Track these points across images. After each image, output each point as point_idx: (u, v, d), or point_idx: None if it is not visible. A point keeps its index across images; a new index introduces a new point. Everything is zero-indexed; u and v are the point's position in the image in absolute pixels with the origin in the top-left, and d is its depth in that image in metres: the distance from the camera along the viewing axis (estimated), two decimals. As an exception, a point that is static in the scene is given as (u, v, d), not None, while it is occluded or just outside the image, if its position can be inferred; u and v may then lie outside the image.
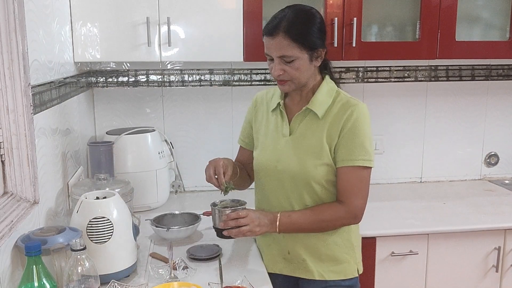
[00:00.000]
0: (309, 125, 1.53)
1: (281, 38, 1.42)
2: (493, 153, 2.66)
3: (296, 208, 1.54)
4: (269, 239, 1.62)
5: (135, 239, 1.49)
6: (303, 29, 1.43)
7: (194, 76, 2.38)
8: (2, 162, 1.30)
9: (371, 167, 1.50)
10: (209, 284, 1.39)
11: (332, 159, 1.50)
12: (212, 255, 1.61)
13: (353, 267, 1.58)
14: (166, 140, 2.30)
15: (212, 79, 2.40)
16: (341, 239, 1.56)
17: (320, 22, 1.47)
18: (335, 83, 1.57)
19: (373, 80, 2.50)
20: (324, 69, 1.57)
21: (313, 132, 1.51)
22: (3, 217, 1.19)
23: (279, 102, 1.59)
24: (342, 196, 1.50)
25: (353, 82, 2.49)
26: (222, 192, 1.54)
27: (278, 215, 1.49)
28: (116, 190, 1.60)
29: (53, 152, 1.59)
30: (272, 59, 1.48)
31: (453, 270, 2.02)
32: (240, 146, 1.78)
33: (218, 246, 1.67)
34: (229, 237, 1.47)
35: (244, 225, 1.45)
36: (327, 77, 1.56)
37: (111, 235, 1.38)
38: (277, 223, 1.48)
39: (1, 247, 1.13)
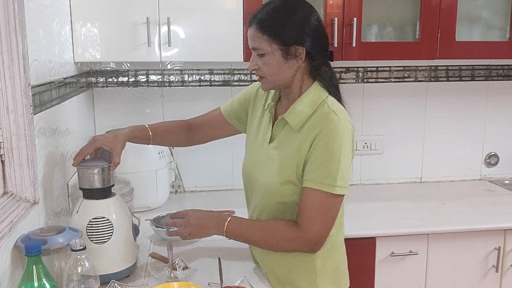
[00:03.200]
0: (286, 136, 1.39)
1: (254, 29, 1.33)
2: (493, 153, 2.66)
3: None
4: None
5: (135, 239, 1.49)
6: (276, 21, 1.31)
7: (194, 76, 2.38)
8: (2, 162, 1.30)
9: (341, 195, 1.32)
10: (209, 284, 1.39)
11: (300, 178, 1.35)
12: None
13: None
14: (166, 140, 2.29)
15: (212, 79, 2.39)
16: (304, 264, 1.41)
17: (301, 17, 1.32)
18: (330, 92, 1.38)
19: (373, 80, 2.50)
20: (318, 75, 1.39)
21: (286, 145, 1.38)
22: (3, 217, 1.19)
23: (268, 103, 1.48)
24: (299, 218, 1.34)
25: (353, 82, 2.49)
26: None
27: (227, 220, 1.39)
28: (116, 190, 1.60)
29: (53, 152, 1.59)
30: None
31: (453, 270, 2.02)
32: (219, 111, 1.65)
33: None
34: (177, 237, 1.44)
35: (183, 227, 1.41)
36: (316, 84, 1.38)
37: (111, 235, 1.37)
38: (225, 228, 1.39)
39: (1, 247, 1.13)
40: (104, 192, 1.41)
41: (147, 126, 1.60)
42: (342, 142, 1.29)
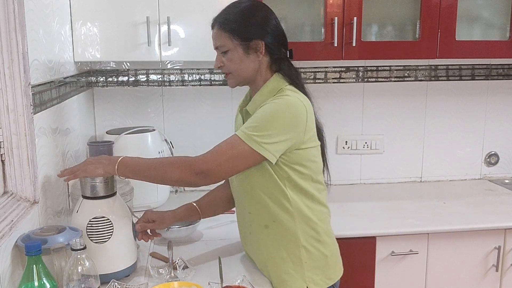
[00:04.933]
0: None
1: (217, 28, 1.44)
2: (493, 152, 2.66)
3: (249, 214, 1.50)
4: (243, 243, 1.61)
5: (135, 238, 1.49)
6: (236, 19, 1.41)
7: (194, 75, 2.38)
8: (2, 161, 1.30)
9: (250, 147, 1.32)
10: (209, 283, 1.39)
11: (269, 165, 1.38)
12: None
13: (300, 285, 1.45)
14: (166, 140, 2.29)
15: (212, 78, 2.39)
16: (287, 254, 1.45)
17: (260, 15, 1.42)
18: (292, 82, 1.44)
19: (373, 79, 2.50)
20: (279, 69, 1.45)
21: None
22: (3, 217, 1.20)
23: (239, 105, 1.55)
24: None
25: (353, 82, 2.49)
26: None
27: (123, 156, 1.39)
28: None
29: (53, 152, 1.59)
30: None
31: (453, 270, 2.02)
32: None
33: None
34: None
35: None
36: (276, 75, 1.44)
37: (111, 234, 1.38)
38: (118, 161, 1.36)
39: (1, 247, 1.13)
40: (104, 192, 1.41)
41: (194, 204, 1.66)
42: (280, 109, 1.34)
